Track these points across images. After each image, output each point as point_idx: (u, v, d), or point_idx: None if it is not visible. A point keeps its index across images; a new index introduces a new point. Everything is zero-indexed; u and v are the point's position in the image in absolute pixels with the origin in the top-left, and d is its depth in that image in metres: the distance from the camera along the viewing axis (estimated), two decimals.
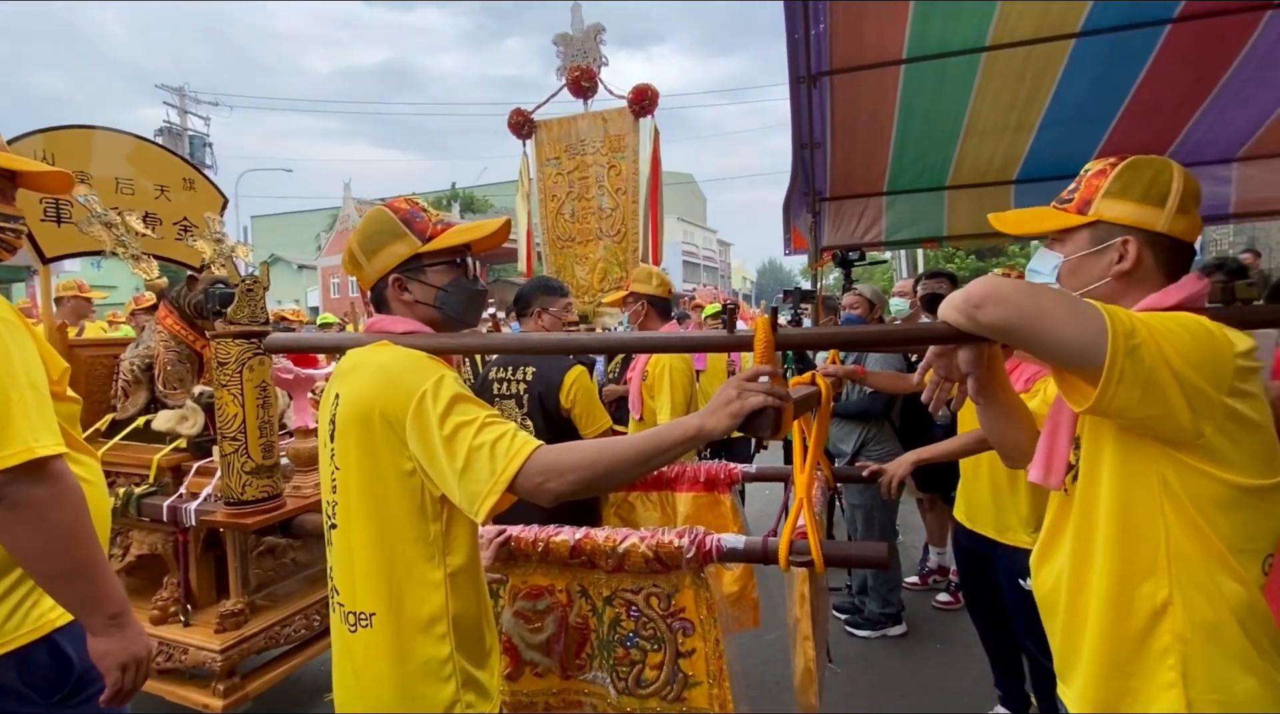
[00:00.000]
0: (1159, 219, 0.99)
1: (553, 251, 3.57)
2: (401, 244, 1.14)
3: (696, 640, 1.43)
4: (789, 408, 1.01)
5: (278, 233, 38.99)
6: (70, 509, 1.06)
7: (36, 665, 1.12)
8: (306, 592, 2.34)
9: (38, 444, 1.02)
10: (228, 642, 2.01)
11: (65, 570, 1.06)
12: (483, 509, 0.98)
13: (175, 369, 2.53)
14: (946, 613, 3.35)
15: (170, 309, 2.56)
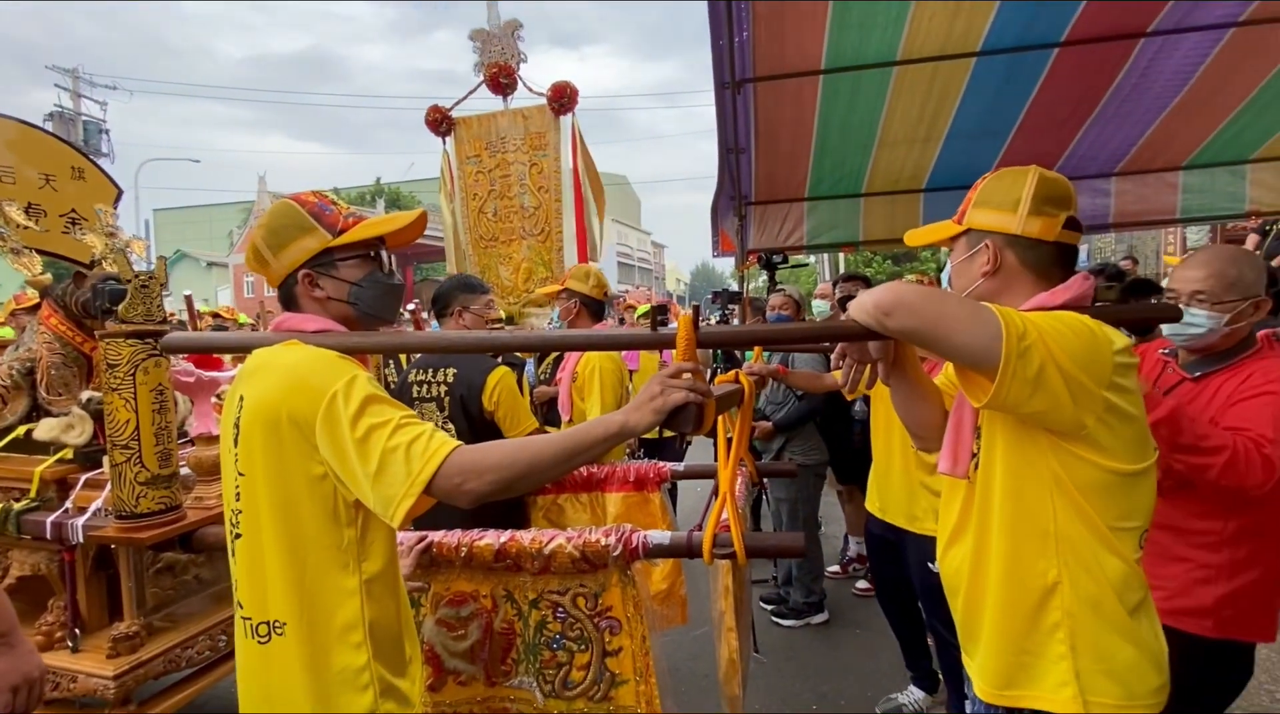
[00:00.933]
0: (1012, 222, 1.09)
1: (476, 251, 3.50)
2: (310, 238, 1.10)
3: (624, 638, 1.44)
4: (711, 404, 1.03)
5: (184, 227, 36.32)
6: None
7: None
8: (210, 610, 2.19)
9: None
10: (121, 667, 1.85)
11: None
12: (398, 513, 0.95)
13: (60, 373, 2.33)
14: (865, 599, 3.51)
15: (55, 308, 2.35)
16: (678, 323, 1.10)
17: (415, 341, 1.36)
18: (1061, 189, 1.10)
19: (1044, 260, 1.10)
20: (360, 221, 1.14)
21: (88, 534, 1.89)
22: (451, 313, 2.23)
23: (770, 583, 3.50)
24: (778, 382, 2.79)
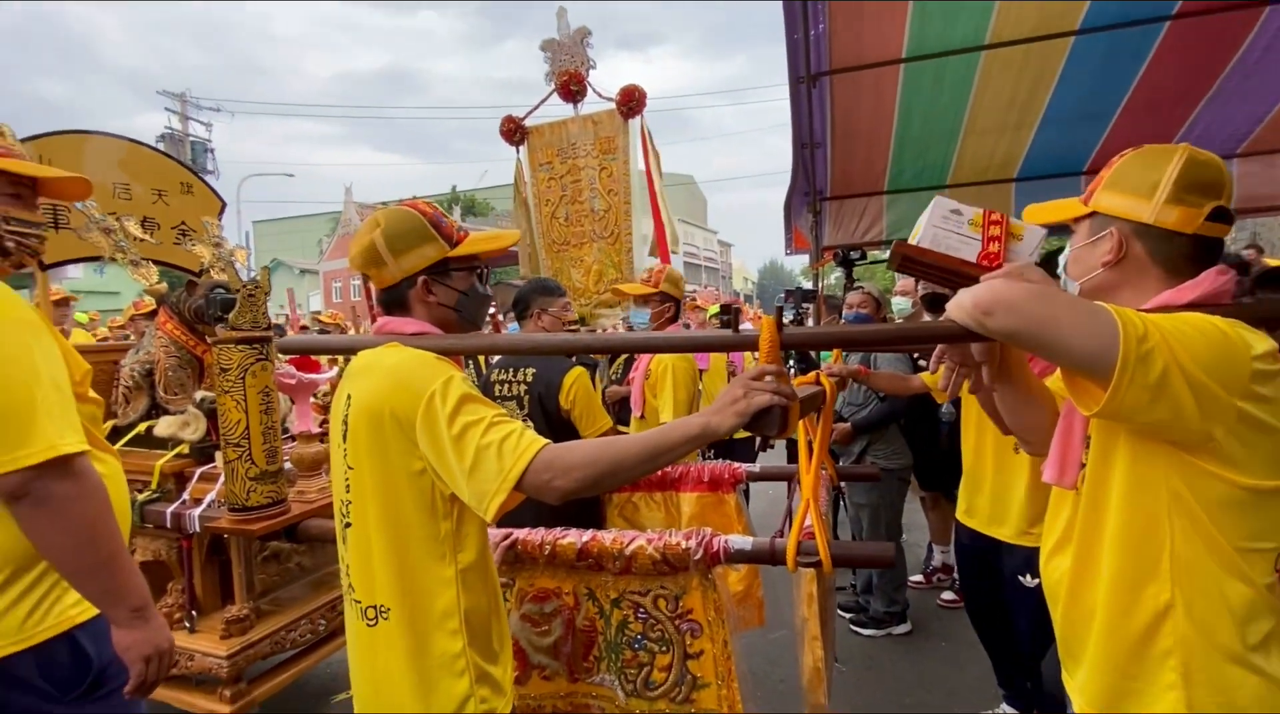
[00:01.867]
0: (1145, 209, 0.98)
1: (549, 256, 3.57)
2: (431, 247, 1.16)
3: (705, 642, 1.43)
4: (795, 407, 1.01)
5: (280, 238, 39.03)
6: (94, 504, 1.09)
7: (56, 662, 1.13)
8: (311, 596, 2.33)
9: (62, 441, 1.05)
10: (234, 647, 2.00)
11: (90, 564, 1.08)
12: (491, 507, 0.99)
13: (176, 374, 2.53)
14: (951, 611, 3.35)
15: (170, 314, 2.56)
16: (760, 324, 1.07)
17: (503, 343, 1.40)
18: (1211, 174, 0.98)
19: (1177, 255, 0.99)
20: (467, 235, 1.21)
21: (204, 524, 2.05)
22: (531, 315, 2.29)
23: (849, 590, 3.39)
24: (859, 383, 2.70)
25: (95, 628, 1.17)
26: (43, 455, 1.03)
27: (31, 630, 1.11)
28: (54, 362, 1.13)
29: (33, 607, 1.12)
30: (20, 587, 1.11)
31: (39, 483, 1.04)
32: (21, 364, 1.06)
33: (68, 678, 1.14)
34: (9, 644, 1.08)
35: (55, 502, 1.05)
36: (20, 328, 1.08)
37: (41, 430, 1.04)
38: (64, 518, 1.06)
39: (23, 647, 1.10)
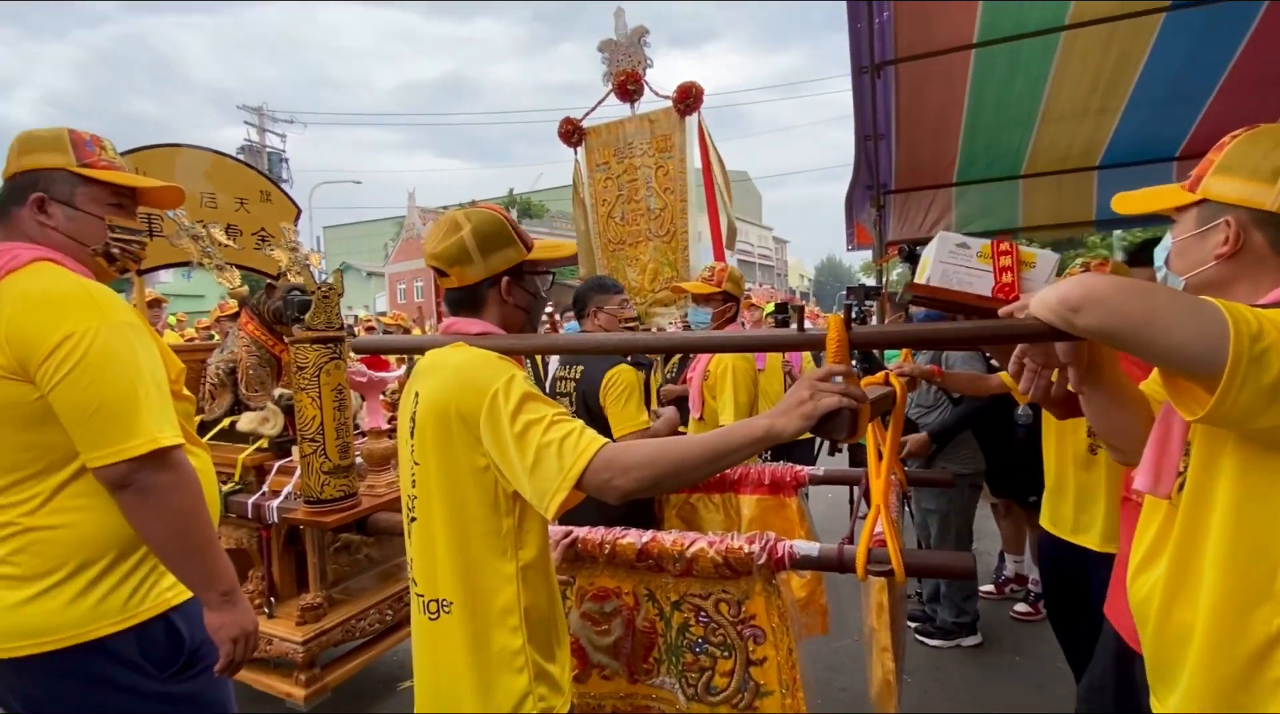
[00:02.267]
0: (1268, 196, 0.89)
1: (605, 255, 3.59)
2: (514, 250, 1.19)
3: (768, 648, 1.39)
4: (866, 409, 0.97)
5: (348, 242, 40.82)
6: (189, 494, 1.17)
7: (154, 640, 1.20)
8: (379, 587, 2.41)
9: (161, 435, 1.13)
10: (309, 634, 2.09)
11: (184, 549, 1.16)
12: (552, 505, 1.00)
13: (256, 373, 2.66)
14: (1025, 624, 3.18)
15: (251, 316, 2.69)
16: (827, 323, 1.04)
17: (561, 343, 1.41)
18: None
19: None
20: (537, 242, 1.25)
21: (281, 515, 2.16)
22: (588, 313, 2.30)
23: (913, 598, 3.26)
24: (931, 384, 2.58)
25: (188, 610, 1.24)
26: (144, 448, 1.11)
27: (133, 611, 1.18)
28: (154, 361, 1.20)
29: (133, 589, 1.19)
30: (122, 570, 1.18)
31: (141, 473, 1.11)
32: (127, 364, 1.13)
33: (164, 656, 1.21)
34: (112, 623, 1.16)
35: (155, 491, 1.12)
36: (125, 330, 1.15)
37: (144, 425, 1.11)
38: (162, 506, 1.13)
39: (124, 626, 1.16)
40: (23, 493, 1.13)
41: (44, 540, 1.13)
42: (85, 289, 1.15)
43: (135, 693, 1.18)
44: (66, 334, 1.09)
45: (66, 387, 1.08)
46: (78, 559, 1.14)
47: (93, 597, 1.14)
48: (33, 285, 1.12)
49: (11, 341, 1.08)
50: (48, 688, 1.15)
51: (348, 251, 38.23)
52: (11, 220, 1.22)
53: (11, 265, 1.13)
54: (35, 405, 1.10)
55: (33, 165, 1.23)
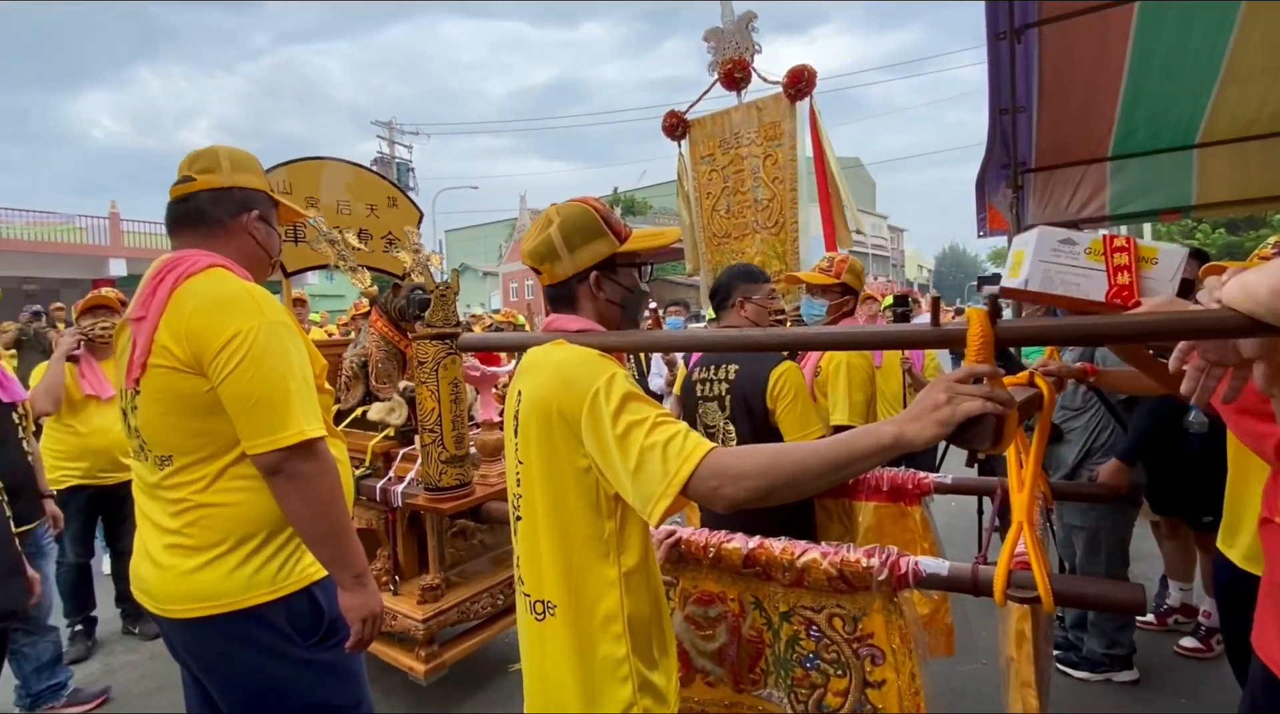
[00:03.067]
0: None
1: (710, 249, 3.50)
2: (603, 243, 1.15)
3: (888, 671, 1.28)
4: (1013, 415, 0.84)
5: (466, 244, 43.39)
6: (329, 482, 1.27)
7: (299, 611, 1.31)
8: (492, 572, 2.51)
9: (309, 427, 1.23)
10: (428, 612, 2.22)
11: (325, 532, 1.25)
12: (656, 511, 0.95)
13: (384, 366, 2.86)
14: (1194, 662, 2.76)
15: (380, 313, 2.90)
16: (969, 316, 0.92)
17: (665, 340, 1.36)
18: None
19: None
20: (631, 232, 1.19)
21: (405, 500, 2.29)
22: (731, 305, 2.03)
23: (1055, 624, 2.93)
24: (1082, 384, 2.27)
25: (327, 585, 1.35)
26: (294, 438, 1.21)
27: (281, 583, 1.28)
28: (303, 358, 1.30)
29: (281, 564, 1.30)
30: (273, 546, 1.29)
31: (290, 461, 1.21)
32: (281, 361, 1.23)
33: (307, 626, 1.32)
34: (264, 594, 1.27)
35: (301, 477, 1.23)
36: (280, 329, 1.26)
37: (294, 417, 1.22)
38: (307, 491, 1.23)
39: (274, 596, 1.27)
40: (195, 473, 1.25)
41: (212, 515, 1.25)
42: (248, 291, 1.27)
43: (283, 657, 1.29)
44: (234, 333, 1.20)
45: (232, 380, 1.19)
46: (238, 534, 1.26)
47: (249, 568, 1.26)
48: (209, 287, 1.24)
49: (190, 339, 1.21)
50: (212, 647, 1.28)
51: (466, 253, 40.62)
52: (218, 226, 1.36)
53: (192, 270, 1.26)
54: (206, 396, 1.22)
55: (245, 183, 1.39)
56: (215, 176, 1.37)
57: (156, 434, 1.25)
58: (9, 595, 1.89)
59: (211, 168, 1.38)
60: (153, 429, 1.25)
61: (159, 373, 1.22)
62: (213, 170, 1.37)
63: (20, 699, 2.54)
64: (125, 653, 3.11)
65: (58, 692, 2.60)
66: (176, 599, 1.25)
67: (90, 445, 2.96)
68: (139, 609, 3.23)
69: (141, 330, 1.24)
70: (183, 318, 1.21)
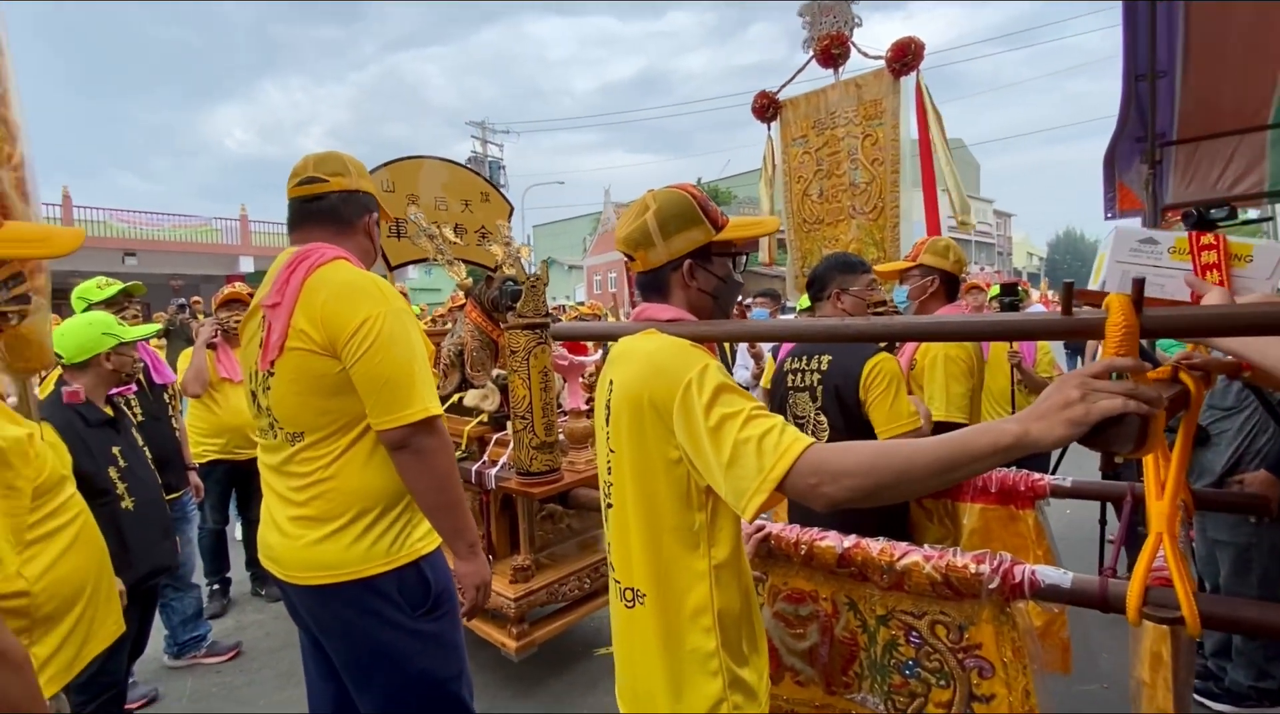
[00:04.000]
0: None
1: (798, 236, 3.36)
2: (698, 230, 1.13)
3: (997, 685, 1.19)
4: (1160, 416, 0.75)
5: (552, 238, 44.47)
6: (448, 456, 1.36)
7: (410, 582, 1.38)
8: (579, 556, 2.57)
9: (431, 405, 1.33)
10: (520, 591, 2.30)
11: (444, 503, 1.35)
12: (750, 506, 0.91)
13: (478, 355, 2.98)
14: None
15: (474, 304, 3.02)
16: (1109, 304, 0.82)
17: (761, 330, 1.32)
18: None
19: None
20: (728, 221, 1.16)
21: (498, 483, 2.38)
22: (828, 296, 1.96)
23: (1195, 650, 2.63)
24: (1235, 380, 2.00)
25: (434, 559, 1.42)
26: (419, 415, 1.29)
27: (394, 555, 1.36)
28: (421, 341, 1.39)
29: (395, 537, 1.38)
30: (387, 521, 1.37)
31: (416, 436, 1.30)
32: (405, 344, 1.32)
33: (416, 597, 1.39)
34: (379, 565, 1.35)
35: (425, 452, 1.31)
36: (402, 315, 1.34)
37: (418, 395, 1.30)
38: (430, 464, 1.32)
39: (389, 568, 1.36)
40: (321, 449, 1.34)
41: (335, 490, 1.34)
42: (372, 281, 1.36)
43: (395, 626, 1.37)
44: (364, 318, 1.29)
45: (364, 362, 1.28)
46: (358, 507, 1.34)
47: (367, 541, 1.34)
48: (337, 277, 1.34)
49: (325, 324, 1.29)
50: (330, 612, 1.37)
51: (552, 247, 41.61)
52: (345, 224, 1.48)
53: (320, 261, 1.36)
54: (338, 377, 1.31)
55: (366, 188, 1.51)
56: (345, 179, 1.48)
57: (289, 412, 1.34)
58: (163, 553, 2.14)
59: (340, 171, 1.48)
60: (285, 407, 1.34)
61: (296, 355, 1.31)
62: (341, 174, 1.48)
63: (169, 647, 2.87)
64: (254, 612, 3.44)
65: (199, 643, 2.92)
66: (301, 567, 1.35)
67: (227, 423, 3.29)
68: (265, 574, 3.59)
69: (277, 316, 1.33)
70: (317, 305, 1.30)
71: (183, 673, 2.84)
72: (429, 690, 1.42)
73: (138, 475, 2.07)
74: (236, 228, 18.00)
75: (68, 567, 1.00)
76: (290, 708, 2.55)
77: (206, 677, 2.81)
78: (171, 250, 16.60)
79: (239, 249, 17.78)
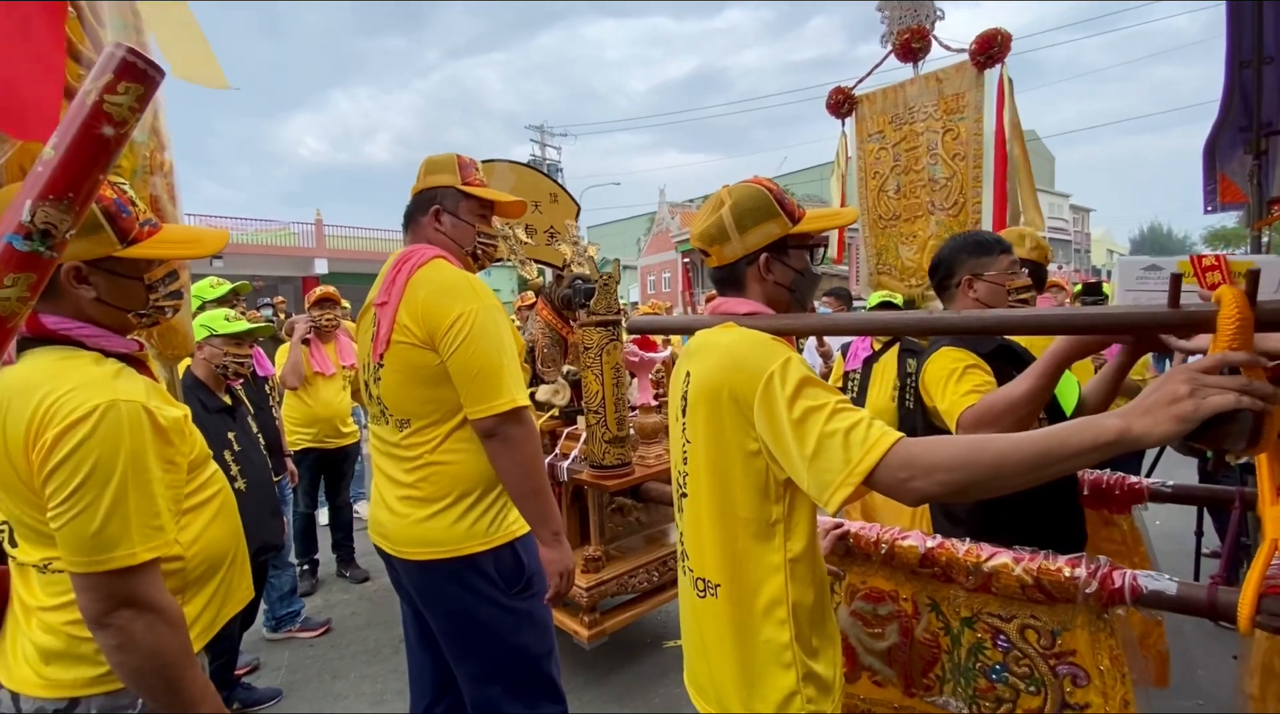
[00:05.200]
0: None
1: (873, 233, 3.31)
2: (774, 224, 1.12)
3: (1093, 694, 1.16)
4: (1277, 412, 0.73)
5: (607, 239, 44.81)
6: (533, 445, 1.42)
7: (505, 562, 1.46)
8: (648, 549, 2.61)
9: (519, 396, 1.39)
10: (591, 582, 2.36)
11: (530, 490, 1.41)
12: (834, 499, 0.92)
13: (549, 352, 3.07)
14: None
15: (545, 302, 3.11)
16: (1220, 295, 0.80)
17: (844, 323, 1.32)
18: None
19: None
20: (805, 213, 1.16)
21: (570, 475, 2.45)
22: (957, 285, 1.61)
23: None
24: None
25: (527, 542, 1.49)
26: (507, 406, 1.36)
27: (492, 536, 1.44)
28: (512, 337, 1.46)
29: (492, 519, 1.45)
30: (486, 503, 1.45)
31: (504, 425, 1.37)
32: (495, 338, 1.39)
33: (511, 576, 1.47)
34: (478, 544, 1.43)
35: (513, 440, 1.38)
36: (493, 311, 1.41)
37: (506, 387, 1.37)
38: (517, 452, 1.39)
39: (487, 547, 1.43)
40: (427, 435, 1.43)
41: (439, 472, 1.42)
42: (467, 279, 1.43)
43: (491, 602, 1.45)
44: (459, 314, 1.36)
45: (459, 355, 1.36)
46: (459, 490, 1.43)
47: (468, 521, 1.42)
48: (435, 276, 1.41)
49: (425, 319, 1.38)
50: (434, 585, 1.46)
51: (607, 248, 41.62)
52: (418, 226, 1.57)
53: (419, 261, 1.44)
54: (437, 368, 1.39)
55: (434, 184, 1.56)
56: (418, 183, 1.59)
57: (397, 401, 1.44)
58: (271, 531, 2.32)
59: (419, 176, 1.59)
60: (394, 396, 1.44)
61: (401, 348, 1.40)
62: (418, 178, 1.59)
63: (268, 621, 3.09)
64: (340, 592, 3.65)
65: (294, 618, 3.13)
66: (409, 543, 1.44)
67: (318, 414, 3.51)
68: (350, 556, 3.84)
69: (385, 313, 1.43)
70: (417, 302, 1.39)
71: (280, 645, 3.05)
72: (522, 664, 1.51)
73: (250, 459, 2.25)
74: (312, 232, 19.00)
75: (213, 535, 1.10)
76: (378, 681, 2.70)
77: (301, 649, 3.01)
78: (253, 253, 17.68)
79: (314, 252, 18.76)
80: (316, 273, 18.07)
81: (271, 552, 2.38)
